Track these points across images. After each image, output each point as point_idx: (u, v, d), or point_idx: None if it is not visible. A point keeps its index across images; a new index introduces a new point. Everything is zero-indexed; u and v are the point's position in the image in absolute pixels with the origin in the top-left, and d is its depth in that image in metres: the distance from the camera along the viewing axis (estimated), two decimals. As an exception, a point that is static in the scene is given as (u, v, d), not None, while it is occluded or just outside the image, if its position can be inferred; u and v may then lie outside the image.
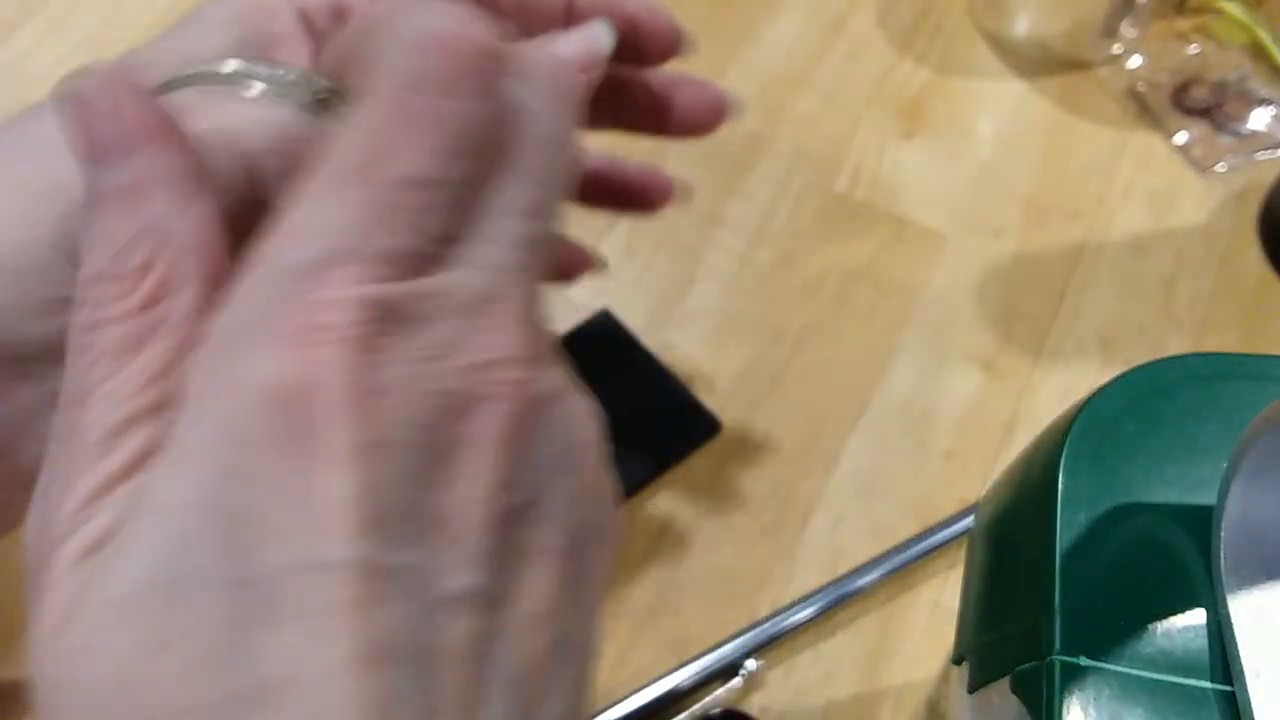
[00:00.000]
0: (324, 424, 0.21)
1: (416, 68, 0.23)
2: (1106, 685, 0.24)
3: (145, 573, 0.20)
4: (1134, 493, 0.27)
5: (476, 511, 0.22)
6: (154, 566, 0.20)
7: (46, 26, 0.69)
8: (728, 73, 0.67)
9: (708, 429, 0.53)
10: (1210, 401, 0.29)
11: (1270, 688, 0.23)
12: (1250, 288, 0.58)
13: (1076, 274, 0.59)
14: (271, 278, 0.22)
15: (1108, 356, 0.56)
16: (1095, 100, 0.66)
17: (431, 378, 0.22)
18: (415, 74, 0.23)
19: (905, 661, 0.48)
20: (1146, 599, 0.25)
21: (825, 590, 0.49)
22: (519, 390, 0.23)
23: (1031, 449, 0.31)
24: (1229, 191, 0.62)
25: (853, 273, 0.59)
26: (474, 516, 0.22)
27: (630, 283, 0.59)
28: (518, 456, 0.23)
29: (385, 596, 0.21)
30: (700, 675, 0.47)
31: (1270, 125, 0.64)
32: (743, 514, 0.52)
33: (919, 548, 0.50)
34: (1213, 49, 0.68)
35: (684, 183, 0.46)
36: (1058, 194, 0.62)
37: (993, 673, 0.28)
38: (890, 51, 0.68)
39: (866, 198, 0.62)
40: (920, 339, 0.57)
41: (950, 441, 0.53)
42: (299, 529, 0.20)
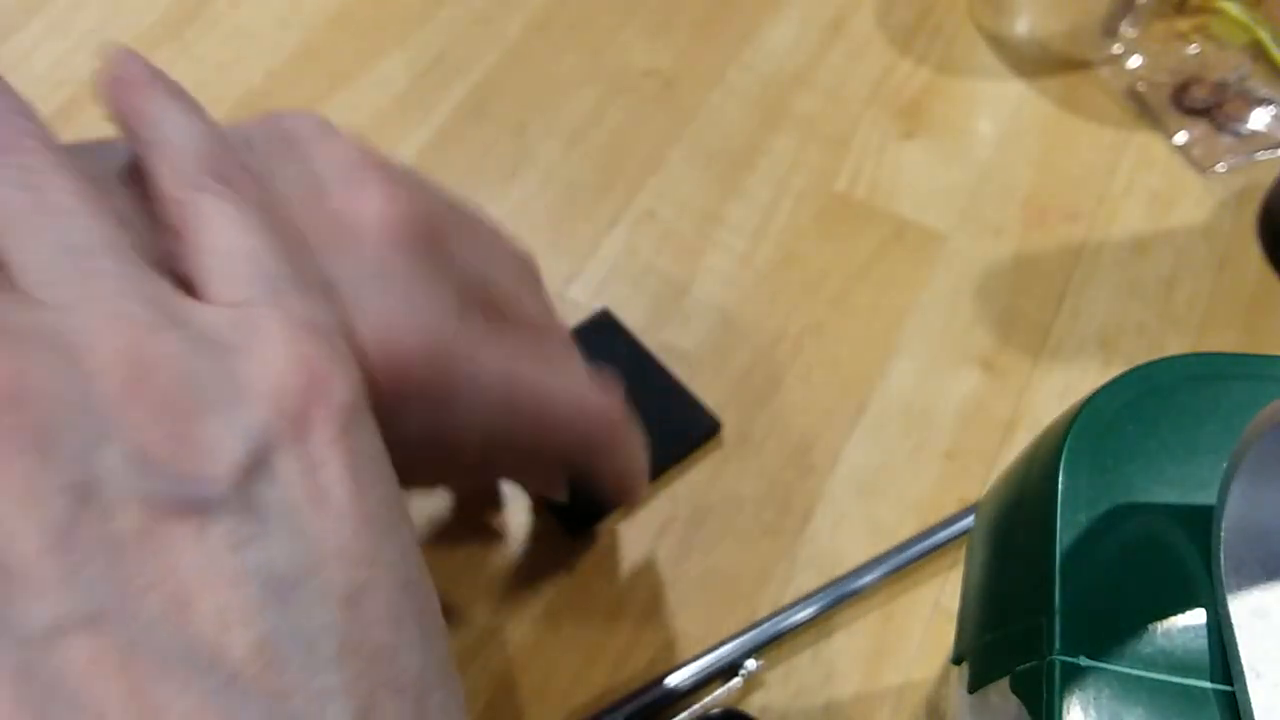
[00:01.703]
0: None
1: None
2: (1107, 685, 0.24)
3: None
4: (1134, 492, 0.27)
5: (30, 545, 0.22)
6: None
7: (48, 25, 0.69)
8: (727, 73, 0.68)
9: (708, 429, 0.53)
10: (1210, 401, 0.28)
11: (1271, 688, 0.23)
12: (1250, 287, 0.58)
13: (1076, 274, 0.59)
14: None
15: (1108, 356, 0.56)
16: (1095, 100, 0.66)
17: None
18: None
19: (905, 661, 0.48)
20: (1146, 599, 0.25)
21: (825, 590, 0.49)
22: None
23: (1031, 449, 0.31)
24: (1229, 191, 0.61)
25: (853, 272, 0.59)
26: (27, 551, 0.22)
27: (630, 282, 0.59)
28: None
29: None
30: (700, 675, 0.47)
31: (1270, 125, 0.64)
32: (742, 514, 0.52)
33: (919, 548, 0.50)
34: (1213, 49, 0.68)
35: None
36: (1058, 194, 0.62)
37: (992, 673, 0.28)
38: (890, 52, 0.68)
39: (866, 198, 0.62)
40: (920, 339, 0.57)
41: (950, 441, 0.53)
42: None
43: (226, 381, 0.25)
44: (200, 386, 0.24)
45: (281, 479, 0.24)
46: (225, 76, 0.67)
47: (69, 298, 0.24)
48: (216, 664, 0.22)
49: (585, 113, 0.66)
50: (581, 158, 0.64)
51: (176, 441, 0.23)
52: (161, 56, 0.67)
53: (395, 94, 0.67)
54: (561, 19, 0.70)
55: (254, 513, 0.24)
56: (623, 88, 0.67)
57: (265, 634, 0.23)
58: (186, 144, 0.30)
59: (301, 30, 0.69)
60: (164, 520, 0.23)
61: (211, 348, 0.25)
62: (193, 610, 0.22)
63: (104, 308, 0.24)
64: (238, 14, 0.70)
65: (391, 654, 0.24)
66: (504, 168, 0.63)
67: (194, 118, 0.31)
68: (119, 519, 0.22)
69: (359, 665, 0.24)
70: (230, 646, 0.22)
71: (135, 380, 0.24)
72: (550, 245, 0.60)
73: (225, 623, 0.22)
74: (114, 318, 0.24)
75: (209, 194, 0.29)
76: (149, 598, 0.22)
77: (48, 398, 0.23)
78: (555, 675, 0.48)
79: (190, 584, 0.22)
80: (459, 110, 0.66)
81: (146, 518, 0.23)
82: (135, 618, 0.22)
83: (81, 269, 0.25)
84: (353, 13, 0.71)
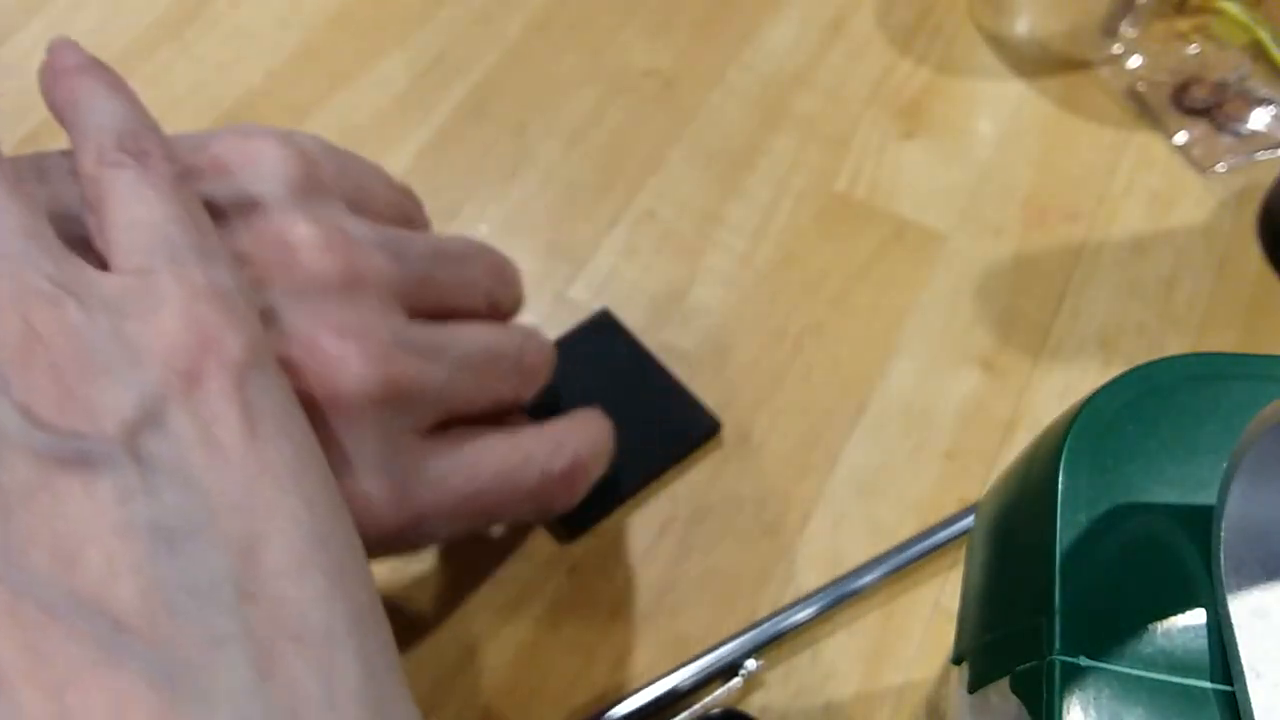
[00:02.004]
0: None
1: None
2: (1106, 685, 0.24)
3: None
4: (1134, 492, 0.27)
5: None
6: None
7: (48, 25, 0.69)
8: (727, 73, 0.68)
9: (708, 429, 0.53)
10: (1210, 401, 0.28)
11: (1271, 688, 0.23)
12: (1250, 287, 0.58)
13: (1076, 274, 0.59)
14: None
15: (1108, 356, 0.56)
16: (1095, 100, 0.66)
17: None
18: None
19: (905, 661, 0.48)
20: (1147, 599, 0.25)
21: (825, 590, 0.49)
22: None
23: (1031, 448, 0.31)
24: (1229, 191, 0.62)
25: (853, 272, 0.59)
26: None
27: (630, 283, 0.59)
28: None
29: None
30: (700, 675, 0.47)
31: (1270, 125, 0.64)
32: (742, 514, 0.52)
33: (919, 548, 0.50)
34: (1213, 49, 0.68)
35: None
36: (1057, 194, 0.62)
37: (992, 672, 0.28)
38: (890, 52, 0.68)
39: (866, 198, 0.62)
40: (920, 339, 0.57)
41: (950, 441, 0.54)
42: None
43: (119, 344, 0.26)
44: (93, 350, 0.25)
45: (174, 434, 0.25)
46: (225, 76, 0.67)
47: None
48: (104, 612, 0.22)
49: (585, 113, 0.66)
50: (581, 158, 0.64)
51: (67, 401, 0.24)
52: (161, 56, 0.68)
53: (395, 94, 0.67)
54: (561, 19, 0.70)
55: (144, 467, 0.24)
56: (623, 88, 0.67)
57: (153, 582, 0.23)
58: (106, 124, 0.32)
59: (301, 30, 0.70)
60: (52, 475, 0.23)
61: (108, 314, 0.26)
62: (80, 561, 0.23)
63: (5, 285, 0.26)
64: (237, 14, 0.70)
65: (293, 605, 0.25)
66: (504, 167, 0.63)
67: (118, 101, 0.33)
68: (5, 473, 0.23)
69: (256, 615, 0.24)
70: (118, 595, 0.23)
71: (29, 346, 0.25)
72: (550, 245, 0.60)
73: (112, 572, 0.23)
74: (15, 292, 0.25)
75: (120, 169, 0.31)
76: (35, 549, 0.23)
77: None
78: (555, 675, 0.48)
79: (78, 536, 0.23)
80: (459, 110, 0.66)
81: (35, 472, 0.23)
82: (21, 568, 0.22)
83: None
84: (352, 13, 0.71)
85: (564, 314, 0.57)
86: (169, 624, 0.23)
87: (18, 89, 0.64)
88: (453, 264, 0.40)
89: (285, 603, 0.24)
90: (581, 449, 0.42)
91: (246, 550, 0.24)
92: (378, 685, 0.26)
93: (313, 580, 0.25)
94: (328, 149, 0.38)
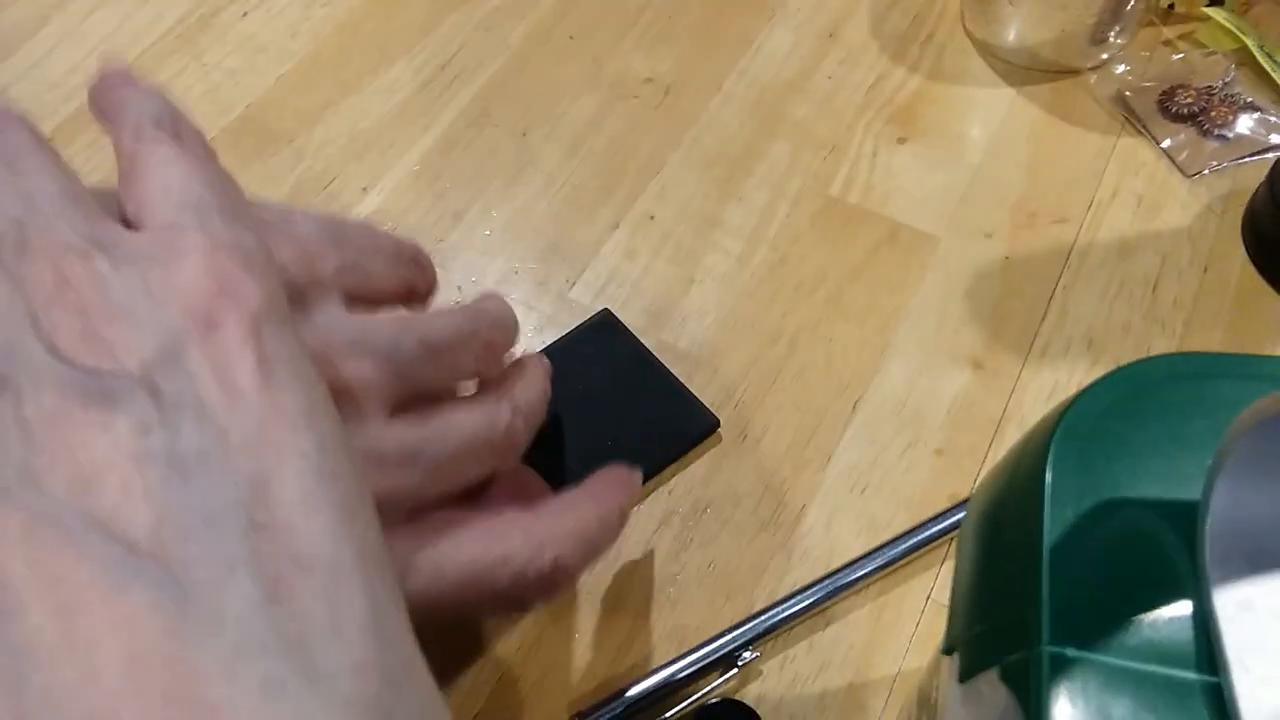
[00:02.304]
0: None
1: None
2: (1094, 676, 0.24)
3: None
4: (1120, 488, 0.27)
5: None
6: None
7: (62, 34, 0.69)
8: (725, 80, 0.68)
9: (706, 427, 0.54)
10: (1195, 400, 0.28)
11: (1256, 680, 0.23)
12: (1234, 289, 0.59)
13: (1064, 276, 0.60)
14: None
15: (1095, 356, 0.57)
16: (1083, 106, 0.67)
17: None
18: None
19: (897, 652, 0.49)
20: (1133, 592, 0.25)
21: (820, 583, 0.49)
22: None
23: (1020, 446, 0.31)
24: (1214, 195, 0.62)
25: (847, 274, 0.60)
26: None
27: (630, 284, 0.60)
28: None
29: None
30: (697, 666, 0.47)
31: (1255, 130, 0.64)
32: (739, 509, 0.52)
33: (911, 542, 0.50)
34: (1199, 55, 0.68)
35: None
36: (1047, 198, 0.63)
37: (982, 663, 0.28)
38: (883, 60, 0.69)
39: (860, 201, 0.63)
40: (912, 339, 0.58)
41: (941, 439, 0.54)
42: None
43: (143, 291, 0.26)
44: (118, 296, 0.26)
45: (191, 373, 0.26)
46: (236, 84, 0.68)
47: (13, 230, 0.27)
48: (117, 535, 0.23)
49: (586, 119, 0.67)
50: (583, 162, 0.65)
51: (91, 340, 0.25)
52: (173, 65, 0.68)
53: (401, 100, 0.68)
54: (563, 28, 0.71)
55: (161, 402, 0.25)
56: (623, 95, 0.68)
57: (167, 509, 0.24)
58: (145, 110, 0.33)
59: (310, 39, 0.70)
60: (74, 407, 0.24)
61: (135, 265, 0.27)
62: (96, 487, 0.23)
63: (41, 239, 0.27)
64: (248, 24, 0.71)
65: (302, 535, 0.25)
66: (507, 172, 0.64)
67: (160, 98, 0.34)
68: (30, 404, 0.24)
69: (265, 542, 0.24)
70: (131, 519, 0.23)
71: (59, 292, 0.26)
72: (552, 247, 0.61)
73: (127, 498, 0.23)
74: (50, 245, 0.27)
75: (156, 144, 0.32)
76: (54, 474, 0.23)
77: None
78: (557, 667, 0.48)
79: (95, 464, 0.24)
80: (463, 116, 0.67)
81: (57, 404, 0.24)
82: (39, 493, 0.23)
83: (29, 210, 0.27)
84: (360, 23, 0.71)
85: (565, 314, 0.58)
86: (180, 548, 0.23)
87: (32, 94, 0.65)
88: (446, 355, 0.39)
89: (294, 533, 0.25)
90: (565, 550, 0.38)
91: (258, 483, 0.25)
92: (382, 619, 0.26)
93: (322, 514, 0.26)
94: (328, 233, 0.38)
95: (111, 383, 0.25)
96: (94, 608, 0.22)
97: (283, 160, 0.65)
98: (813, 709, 0.47)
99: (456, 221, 0.62)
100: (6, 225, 0.27)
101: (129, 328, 0.26)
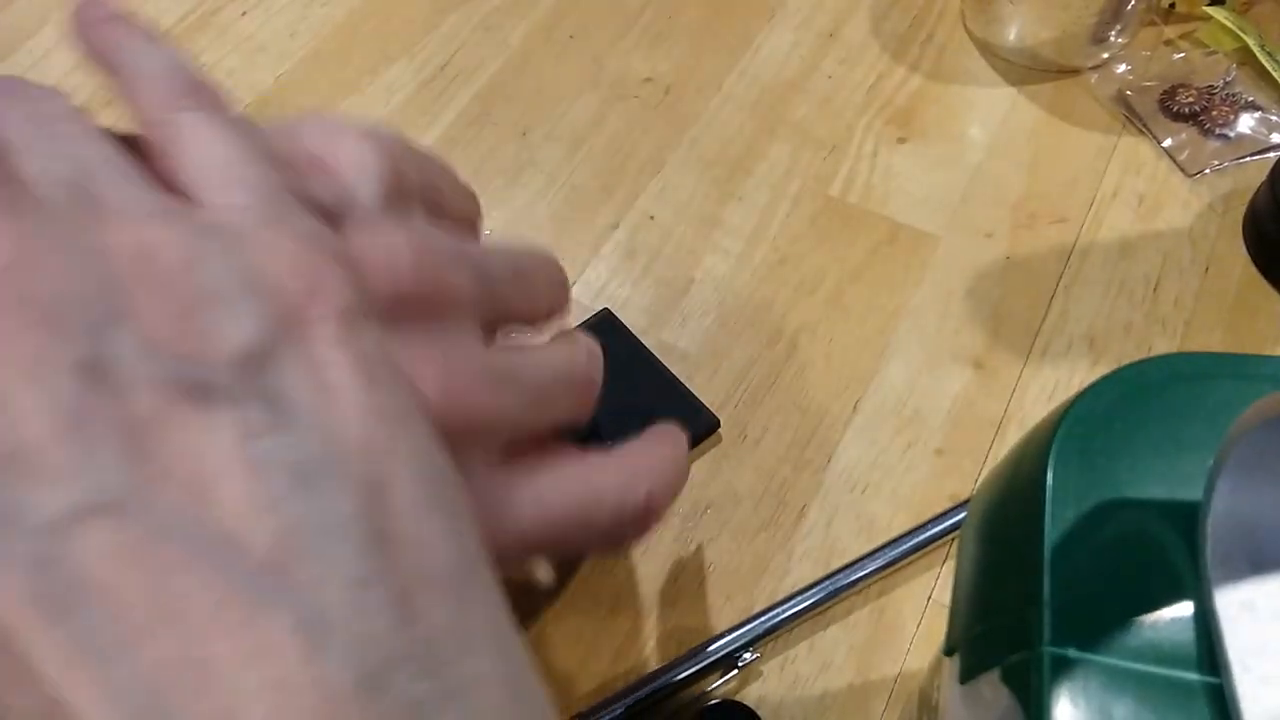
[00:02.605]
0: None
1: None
2: (1095, 676, 0.24)
3: None
4: (1121, 488, 0.27)
5: (41, 426, 0.21)
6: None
7: (61, 33, 0.70)
8: (725, 80, 0.68)
9: (706, 427, 0.54)
10: (1196, 400, 0.28)
11: (1258, 681, 0.23)
12: (1235, 289, 0.59)
13: (1065, 275, 0.60)
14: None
15: (1096, 356, 0.57)
16: (1084, 106, 0.67)
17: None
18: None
19: (898, 653, 0.49)
20: (1135, 592, 0.25)
21: (821, 584, 0.49)
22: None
23: (1021, 446, 0.31)
24: (1215, 195, 0.62)
25: (847, 274, 0.60)
26: (39, 433, 0.21)
27: (631, 283, 0.60)
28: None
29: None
30: (698, 667, 0.47)
31: (1256, 129, 0.65)
32: (740, 509, 0.52)
33: (912, 542, 0.50)
34: (1200, 55, 0.68)
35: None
36: (1047, 197, 0.63)
37: (983, 664, 0.28)
38: (883, 59, 0.69)
39: (861, 201, 0.63)
40: (913, 339, 0.58)
41: (942, 439, 0.54)
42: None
43: (229, 272, 0.24)
44: (204, 273, 0.24)
45: (289, 375, 0.23)
46: (235, 83, 0.68)
47: (72, 192, 0.24)
48: (241, 554, 0.21)
49: (586, 119, 0.67)
50: (583, 162, 0.65)
51: (182, 325, 0.23)
52: (171, 63, 0.68)
53: (401, 100, 0.68)
54: (563, 28, 0.71)
55: (266, 403, 0.23)
56: (623, 95, 0.68)
57: (289, 523, 0.22)
58: (157, 70, 0.30)
59: (310, 38, 0.70)
60: (176, 404, 0.22)
61: (215, 238, 0.24)
62: (212, 498, 0.21)
63: (111, 204, 0.24)
64: (247, 23, 0.71)
65: (422, 545, 0.23)
66: (507, 172, 0.64)
67: (159, 45, 0.31)
68: (131, 402, 0.21)
69: (390, 556, 0.22)
70: (254, 535, 0.21)
71: (143, 262, 0.23)
72: (552, 247, 0.60)
73: (247, 511, 0.21)
74: (125, 210, 0.24)
75: (188, 113, 0.29)
76: (167, 485, 0.21)
77: (58, 273, 0.22)
78: (556, 667, 0.48)
79: (207, 471, 0.21)
80: (463, 116, 0.67)
81: (158, 401, 0.22)
82: (154, 505, 0.21)
83: (81, 173, 0.25)
84: (359, 22, 0.71)
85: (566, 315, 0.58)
86: (309, 566, 0.21)
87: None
88: (524, 281, 0.38)
89: (415, 543, 0.23)
90: (656, 486, 0.38)
91: (375, 491, 0.23)
92: (500, 622, 0.25)
93: (437, 520, 0.24)
94: (407, 149, 0.36)
95: (210, 376, 0.22)
96: (227, 635, 0.20)
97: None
98: (813, 710, 0.47)
99: (456, 221, 0.62)
100: (61, 188, 0.24)
101: (221, 314, 0.23)
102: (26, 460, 0.20)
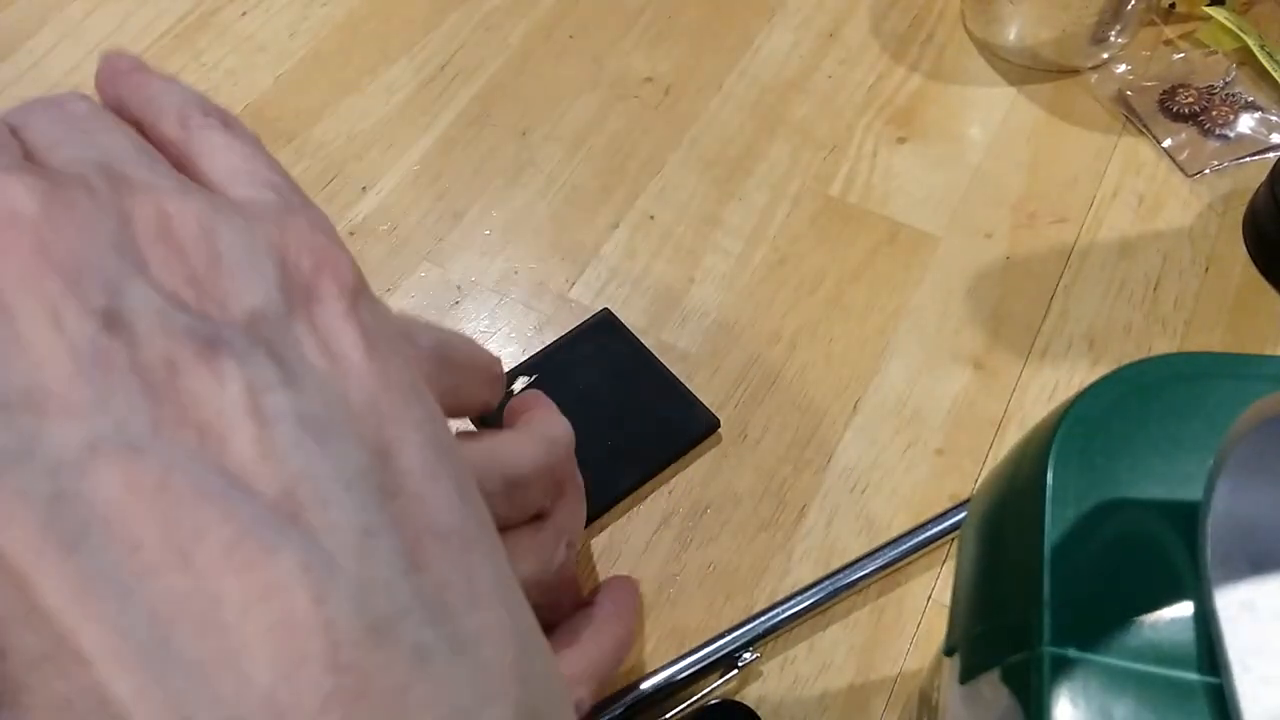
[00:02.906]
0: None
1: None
2: (1095, 677, 0.24)
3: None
4: (1121, 488, 0.27)
5: (61, 368, 0.21)
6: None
7: (63, 31, 0.70)
8: (725, 80, 0.68)
9: (706, 427, 0.54)
10: (1196, 400, 0.28)
11: (1258, 681, 0.23)
12: (1235, 289, 0.59)
13: (1065, 275, 0.60)
14: None
15: (1095, 356, 0.57)
16: (1084, 106, 0.67)
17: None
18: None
19: (898, 653, 0.49)
20: (1135, 592, 0.25)
21: (820, 584, 0.49)
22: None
23: (1021, 446, 0.31)
24: (1215, 195, 0.62)
25: (847, 274, 0.60)
26: (58, 374, 0.21)
27: (631, 284, 0.60)
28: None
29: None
30: (698, 667, 0.47)
31: (1256, 129, 0.64)
32: (740, 509, 0.52)
33: (912, 543, 0.50)
34: (1200, 55, 0.68)
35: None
36: (1047, 197, 0.63)
37: (984, 664, 0.28)
38: (883, 59, 0.69)
39: (860, 201, 0.63)
40: (912, 339, 0.58)
41: (942, 439, 0.54)
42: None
43: (246, 243, 0.25)
44: (221, 240, 0.25)
45: (299, 339, 0.24)
46: (235, 83, 0.68)
47: (103, 170, 0.25)
48: (252, 497, 0.21)
49: (586, 119, 0.67)
50: (583, 162, 0.65)
51: (198, 285, 0.24)
52: (172, 64, 0.68)
53: (402, 100, 0.68)
54: (563, 28, 0.71)
55: (276, 362, 0.23)
56: (623, 94, 0.68)
57: (304, 470, 0.22)
58: (174, 98, 0.32)
59: (310, 38, 0.70)
60: (191, 354, 0.22)
61: (234, 214, 0.26)
62: (227, 442, 0.22)
63: (138, 174, 0.26)
64: (247, 23, 0.71)
65: (429, 501, 0.24)
66: (507, 172, 0.64)
67: (185, 86, 0.33)
68: (147, 349, 0.22)
69: (398, 509, 0.23)
70: (264, 481, 0.22)
71: (163, 225, 0.24)
72: (552, 247, 0.61)
73: (257, 457, 0.22)
74: (147, 184, 0.25)
75: (208, 130, 0.30)
76: (182, 428, 0.22)
77: (82, 227, 0.23)
78: (559, 667, 0.48)
79: (223, 417, 0.22)
80: (463, 116, 0.67)
81: (174, 350, 0.22)
82: (169, 445, 0.21)
83: (109, 156, 0.26)
84: (359, 22, 0.71)
85: (566, 314, 0.58)
86: (319, 512, 0.22)
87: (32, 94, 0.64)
88: (519, 492, 0.38)
89: (424, 501, 0.24)
90: (584, 693, 0.40)
91: (383, 451, 0.24)
92: (508, 587, 0.25)
93: (445, 484, 0.25)
94: (441, 353, 0.36)
95: (224, 333, 0.23)
96: (236, 574, 0.21)
97: (282, 160, 0.63)
98: (813, 710, 0.47)
99: (456, 221, 0.62)
100: (91, 167, 0.25)
101: (235, 278, 0.24)
102: (46, 397, 0.21)
